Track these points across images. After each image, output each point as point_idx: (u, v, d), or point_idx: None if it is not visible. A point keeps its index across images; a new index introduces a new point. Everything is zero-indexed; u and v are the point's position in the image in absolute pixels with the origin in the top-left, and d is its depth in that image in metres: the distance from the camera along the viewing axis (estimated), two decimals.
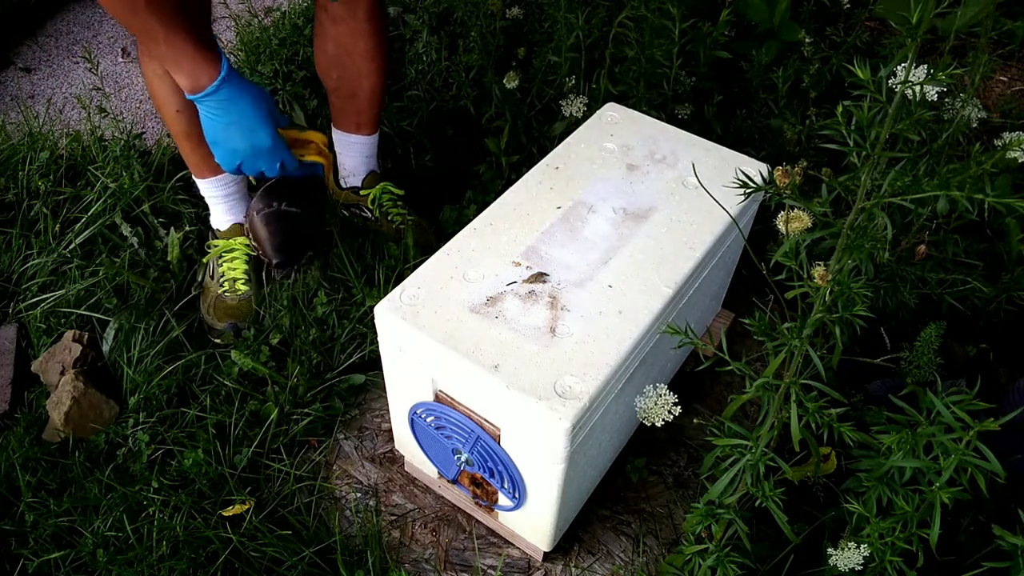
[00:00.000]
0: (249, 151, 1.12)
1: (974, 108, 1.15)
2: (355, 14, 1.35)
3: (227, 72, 1.06)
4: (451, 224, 1.58)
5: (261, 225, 1.28)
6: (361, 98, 1.46)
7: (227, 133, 1.09)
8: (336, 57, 1.41)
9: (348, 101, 1.47)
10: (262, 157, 1.14)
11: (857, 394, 1.25)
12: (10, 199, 1.61)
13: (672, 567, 1.01)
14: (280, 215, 1.26)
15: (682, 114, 1.61)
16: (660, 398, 0.87)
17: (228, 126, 1.09)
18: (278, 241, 1.28)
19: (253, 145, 1.11)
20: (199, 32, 1.04)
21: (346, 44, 1.39)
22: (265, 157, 1.14)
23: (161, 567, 1.08)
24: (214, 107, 1.07)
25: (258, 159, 1.14)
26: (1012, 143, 1.00)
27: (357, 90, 1.45)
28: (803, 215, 0.71)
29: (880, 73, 0.62)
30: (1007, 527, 0.81)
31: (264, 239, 1.28)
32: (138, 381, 1.30)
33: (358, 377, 1.34)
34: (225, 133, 1.09)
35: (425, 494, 1.21)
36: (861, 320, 0.70)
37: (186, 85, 1.06)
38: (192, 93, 1.06)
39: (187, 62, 1.03)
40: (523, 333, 0.93)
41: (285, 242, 1.28)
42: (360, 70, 1.42)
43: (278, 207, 1.25)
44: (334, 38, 1.39)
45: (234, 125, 1.09)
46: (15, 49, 2.22)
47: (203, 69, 1.04)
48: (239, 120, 1.09)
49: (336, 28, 1.37)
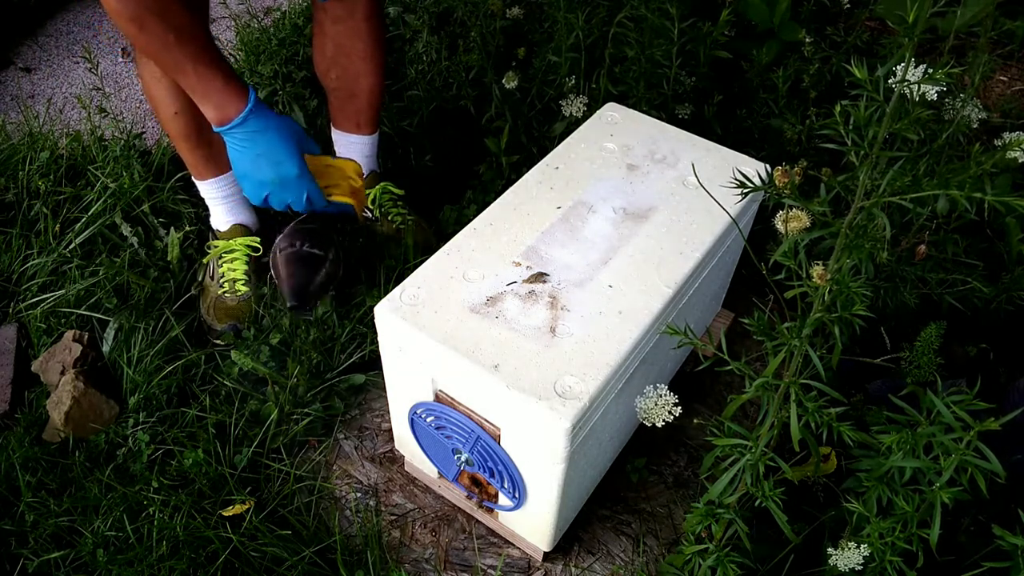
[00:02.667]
0: (277, 183, 1.11)
1: (974, 108, 1.15)
2: (354, 14, 1.35)
3: (254, 103, 1.05)
4: (451, 224, 1.58)
5: (283, 265, 1.28)
6: (360, 98, 1.46)
7: (256, 164, 1.09)
8: (335, 57, 1.41)
9: (347, 101, 1.47)
10: (289, 189, 1.12)
11: (857, 394, 1.25)
12: (10, 199, 1.61)
13: (672, 567, 1.01)
14: (302, 257, 1.25)
15: (682, 114, 1.61)
16: (660, 398, 0.87)
17: (257, 158, 1.08)
18: (295, 283, 1.27)
19: (280, 176, 1.10)
20: (224, 62, 1.05)
21: (345, 44, 1.39)
22: (292, 189, 1.12)
23: (161, 567, 1.08)
24: (241, 138, 1.07)
25: (285, 191, 1.12)
26: (1012, 143, 1.00)
27: (356, 90, 1.45)
28: (802, 215, 0.71)
29: (877, 72, 0.62)
30: (1007, 527, 0.81)
31: (283, 279, 1.28)
32: (138, 381, 1.30)
33: (358, 377, 1.34)
34: (254, 165, 1.09)
35: (425, 494, 1.21)
36: (861, 320, 0.70)
37: (214, 117, 1.06)
38: (220, 125, 1.06)
39: (216, 94, 1.04)
40: (523, 333, 0.93)
41: (302, 285, 1.27)
42: (359, 70, 1.42)
43: (300, 247, 1.24)
44: (333, 38, 1.39)
45: (262, 157, 1.08)
46: (15, 49, 2.22)
47: (230, 100, 1.04)
48: (267, 151, 1.08)
49: (335, 28, 1.37)
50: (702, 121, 1.63)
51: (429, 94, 1.83)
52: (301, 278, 1.28)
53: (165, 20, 0.98)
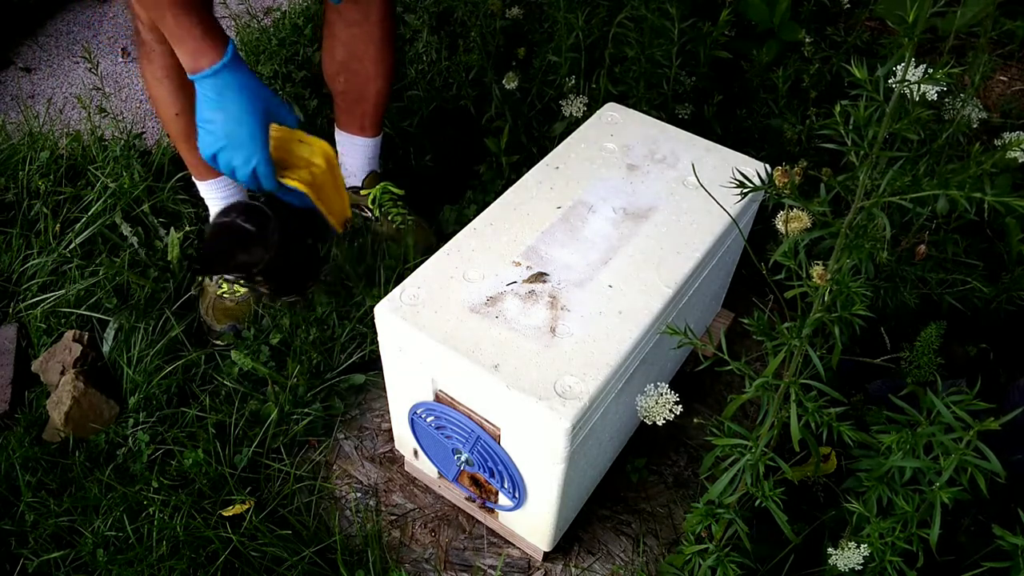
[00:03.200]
0: (228, 141, 1.07)
1: (974, 108, 1.15)
2: (368, 18, 1.35)
3: (230, 59, 1.04)
4: (451, 224, 1.58)
5: (208, 229, 1.22)
6: (368, 101, 1.47)
7: (213, 116, 1.06)
8: (345, 61, 1.41)
9: (355, 104, 1.48)
10: (239, 151, 1.08)
11: (857, 394, 1.25)
12: (10, 199, 1.61)
13: (672, 567, 1.01)
14: (228, 226, 1.17)
15: (682, 114, 1.61)
16: (661, 397, 0.87)
17: (219, 111, 1.06)
18: (207, 250, 1.21)
19: (233, 136, 1.07)
20: (207, 13, 1.03)
21: (356, 48, 1.38)
22: (241, 152, 1.07)
23: (161, 567, 1.08)
24: (210, 90, 1.05)
25: (235, 152, 1.08)
26: (1012, 143, 1.00)
27: (364, 93, 1.45)
28: (802, 215, 0.71)
29: (877, 72, 0.62)
30: (1007, 527, 0.81)
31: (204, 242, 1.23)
32: (138, 381, 1.30)
33: (358, 377, 1.34)
34: (211, 115, 1.06)
35: (425, 494, 1.21)
36: (861, 320, 0.70)
37: (187, 64, 1.04)
38: (192, 73, 1.05)
39: (191, 42, 1.02)
40: (523, 333, 0.93)
41: (212, 253, 1.21)
42: (369, 74, 1.42)
43: (233, 218, 1.17)
44: (345, 42, 1.38)
45: (223, 112, 1.06)
46: (15, 49, 2.22)
47: (205, 51, 1.03)
48: (230, 108, 1.06)
49: (347, 32, 1.37)
50: (702, 121, 1.63)
51: (429, 94, 1.83)
52: (215, 246, 1.21)
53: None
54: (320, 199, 1.15)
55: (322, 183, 1.15)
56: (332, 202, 1.17)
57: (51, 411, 1.25)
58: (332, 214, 1.18)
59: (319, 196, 1.14)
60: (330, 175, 1.16)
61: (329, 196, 1.17)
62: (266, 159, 1.08)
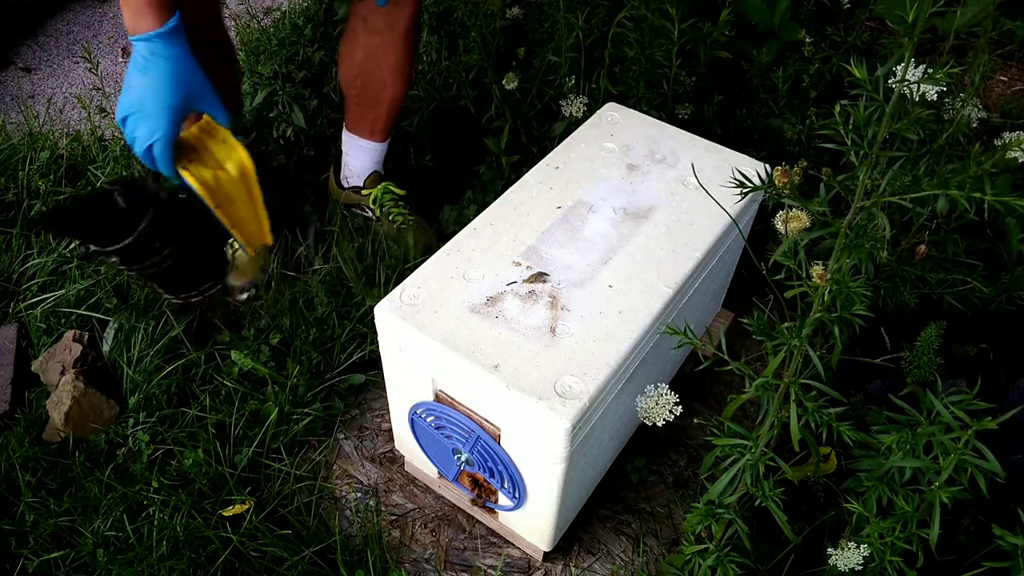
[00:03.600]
0: (138, 109, 1.04)
1: (974, 108, 1.15)
2: (393, 27, 1.34)
3: (170, 30, 1.00)
4: (451, 224, 1.58)
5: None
6: (381, 107, 1.47)
7: (134, 81, 1.03)
8: (364, 65, 1.40)
9: (368, 109, 1.48)
10: (143, 123, 1.03)
11: (857, 394, 1.25)
12: (10, 199, 1.61)
13: (672, 567, 1.01)
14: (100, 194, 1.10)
15: (682, 114, 1.61)
16: (661, 397, 0.87)
17: (141, 75, 1.03)
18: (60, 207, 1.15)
19: (145, 105, 1.03)
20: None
21: (377, 55, 1.38)
22: (144, 125, 1.03)
23: (161, 567, 1.08)
24: (142, 54, 1.02)
25: (140, 122, 1.03)
26: (1012, 143, 1.00)
27: (379, 100, 1.45)
28: (801, 215, 0.71)
29: (877, 72, 0.62)
30: (1007, 527, 0.81)
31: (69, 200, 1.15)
32: (138, 381, 1.30)
33: (358, 377, 1.34)
34: (133, 80, 1.03)
35: (425, 494, 1.21)
36: (860, 320, 0.70)
37: (127, 22, 1.02)
38: (130, 33, 1.02)
39: (134, 4, 1.00)
40: (523, 333, 0.93)
41: (64, 212, 1.14)
42: (386, 81, 1.42)
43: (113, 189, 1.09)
44: (366, 47, 1.38)
45: (145, 78, 1.02)
46: (15, 49, 2.22)
47: (147, 15, 1.00)
48: (151, 77, 1.02)
49: (370, 39, 1.37)
50: (702, 121, 1.63)
51: (429, 94, 1.83)
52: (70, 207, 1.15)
53: None
54: (221, 208, 1.09)
55: (228, 192, 1.09)
56: (240, 217, 1.11)
57: (51, 411, 1.25)
58: (239, 229, 1.11)
59: (218, 203, 1.08)
60: (240, 187, 1.10)
61: (237, 209, 1.11)
62: (167, 140, 1.03)
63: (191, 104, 1.04)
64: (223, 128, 1.09)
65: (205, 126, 1.09)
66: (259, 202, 1.12)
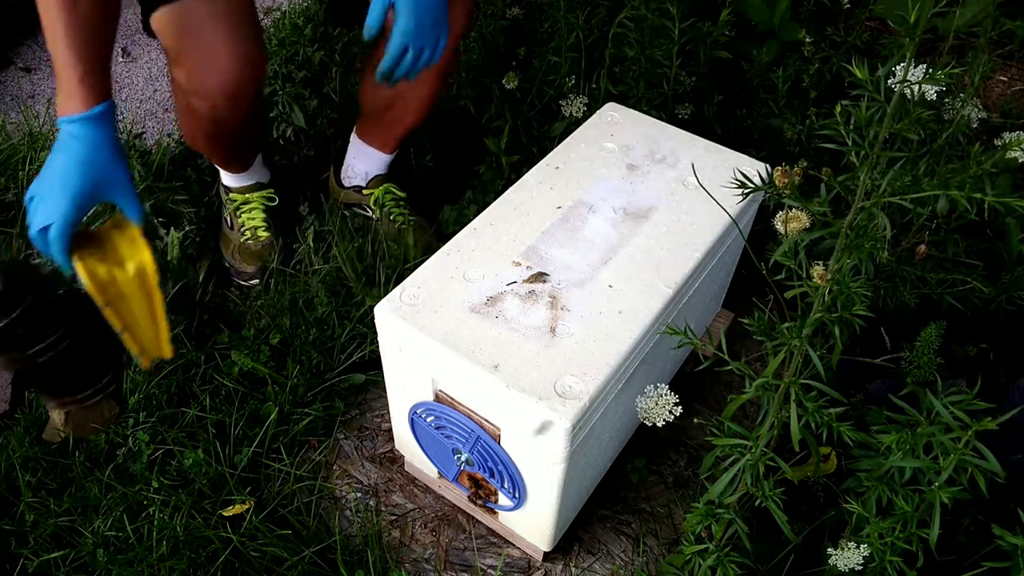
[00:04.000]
0: (46, 190, 0.97)
1: (974, 108, 1.15)
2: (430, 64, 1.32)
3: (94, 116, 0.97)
4: (451, 224, 1.58)
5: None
6: (399, 128, 1.48)
7: (49, 162, 0.98)
8: (392, 94, 1.38)
9: (386, 128, 1.49)
10: (43, 204, 0.97)
11: (857, 394, 1.25)
12: (10, 199, 1.61)
13: (672, 567, 1.01)
14: None
15: (682, 114, 1.61)
16: (661, 398, 0.87)
17: (56, 155, 0.98)
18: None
19: (50, 188, 0.97)
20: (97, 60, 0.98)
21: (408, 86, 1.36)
22: (44, 207, 0.97)
23: (161, 567, 1.08)
24: (62, 134, 0.98)
25: (41, 204, 0.98)
26: (1012, 143, 1.00)
27: (400, 123, 1.46)
28: (801, 215, 0.71)
29: (878, 73, 0.62)
30: (1007, 527, 0.81)
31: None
32: (138, 381, 1.30)
33: (358, 377, 1.34)
34: (49, 161, 0.99)
35: (425, 494, 1.21)
36: (861, 320, 0.70)
37: (57, 101, 0.99)
38: (57, 113, 0.99)
39: (66, 84, 0.97)
40: (523, 333, 0.93)
41: None
42: (410, 108, 1.42)
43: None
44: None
45: (58, 160, 0.98)
46: (15, 49, 2.22)
47: (75, 100, 0.97)
48: (63, 159, 0.97)
49: None
50: (702, 121, 1.63)
51: None
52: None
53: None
54: (111, 307, 1.01)
55: (122, 292, 1.02)
56: (134, 321, 1.05)
57: (51, 411, 1.25)
58: (130, 332, 1.05)
59: (108, 301, 1.00)
60: (138, 290, 1.03)
61: (131, 312, 1.04)
62: (63, 225, 0.96)
63: (101, 193, 0.99)
64: (135, 227, 1.03)
65: (119, 221, 1.04)
66: (159, 309, 1.06)
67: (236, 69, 1.15)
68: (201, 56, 1.14)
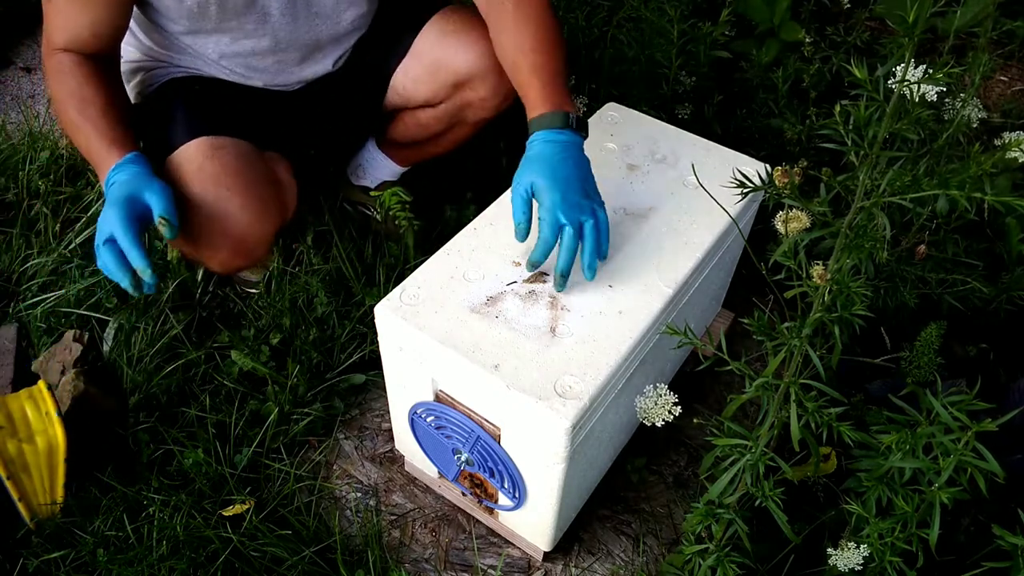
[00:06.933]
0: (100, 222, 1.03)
1: (974, 108, 1.15)
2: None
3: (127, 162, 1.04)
4: (451, 224, 1.58)
5: None
6: (424, 154, 1.49)
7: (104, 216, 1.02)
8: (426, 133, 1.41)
9: (410, 151, 1.50)
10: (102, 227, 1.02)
11: (857, 394, 1.25)
12: (10, 199, 1.61)
13: (672, 567, 1.01)
14: None
15: (682, 114, 1.61)
16: (660, 398, 0.87)
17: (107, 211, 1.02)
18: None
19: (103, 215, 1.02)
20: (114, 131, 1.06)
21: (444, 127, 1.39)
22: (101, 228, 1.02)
23: (161, 567, 1.08)
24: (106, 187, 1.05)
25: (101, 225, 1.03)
26: (1012, 143, 1.00)
27: (426, 151, 1.48)
28: (801, 215, 0.71)
29: (878, 72, 0.62)
30: (1007, 527, 0.81)
31: None
32: (138, 381, 1.30)
33: (358, 377, 1.34)
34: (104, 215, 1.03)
35: (425, 494, 1.21)
36: (860, 320, 0.70)
37: (99, 177, 1.08)
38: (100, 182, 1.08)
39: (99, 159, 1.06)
40: (523, 333, 0.93)
41: None
42: (442, 144, 1.44)
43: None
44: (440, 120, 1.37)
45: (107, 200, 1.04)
46: (15, 49, 2.22)
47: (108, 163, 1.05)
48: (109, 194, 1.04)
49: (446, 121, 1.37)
50: (702, 121, 1.63)
51: None
52: None
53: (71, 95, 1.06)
54: (13, 479, 1.04)
55: (27, 465, 1.05)
56: (32, 491, 1.08)
57: None
58: (25, 502, 1.07)
59: (10, 474, 1.03)
60: (43, 464, 1.06)
61: (32, 484, 1.07)
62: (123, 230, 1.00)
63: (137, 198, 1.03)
64: (51, 401, 1.08)
65: (35, 393, 1.07)
66: (59, 482, 1.09)
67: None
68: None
